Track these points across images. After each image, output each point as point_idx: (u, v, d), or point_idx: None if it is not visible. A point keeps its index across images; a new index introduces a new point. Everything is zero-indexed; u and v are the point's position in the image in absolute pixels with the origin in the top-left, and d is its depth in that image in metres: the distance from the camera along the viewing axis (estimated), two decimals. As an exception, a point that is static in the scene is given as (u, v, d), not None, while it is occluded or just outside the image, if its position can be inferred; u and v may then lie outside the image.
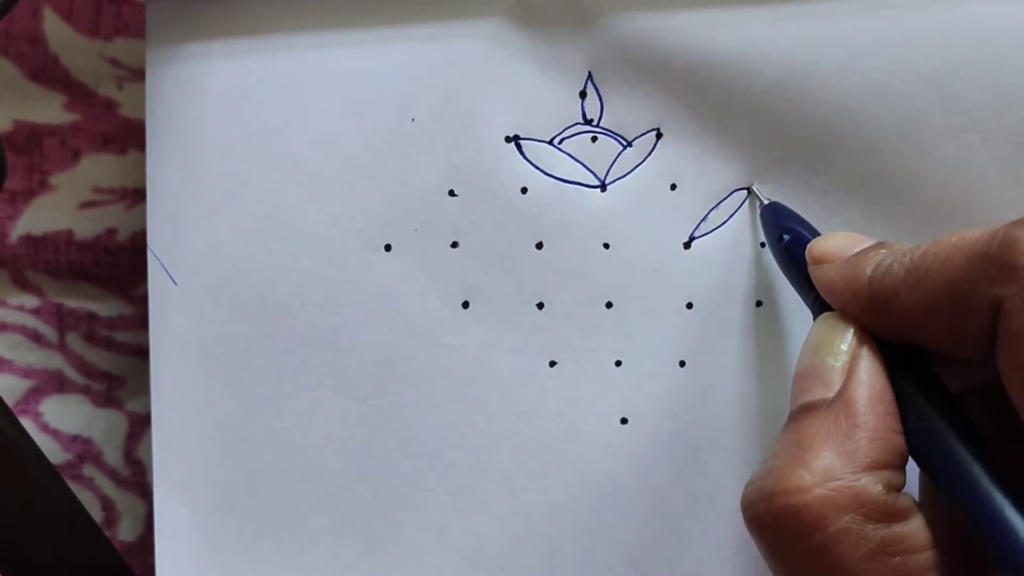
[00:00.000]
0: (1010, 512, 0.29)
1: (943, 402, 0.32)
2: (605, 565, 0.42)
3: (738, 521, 0.41)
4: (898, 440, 0.31)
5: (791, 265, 0.38)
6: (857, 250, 0.35)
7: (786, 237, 0.38)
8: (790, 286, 0.40)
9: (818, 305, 0.36)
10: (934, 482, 0.31)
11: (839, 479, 0.30)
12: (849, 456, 0.31)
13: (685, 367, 0.42)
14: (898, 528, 0.30)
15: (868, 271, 0.33)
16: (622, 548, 0.42)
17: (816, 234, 0.38)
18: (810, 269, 0.36)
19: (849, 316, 0.34)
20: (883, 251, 0.34)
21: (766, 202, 0.41)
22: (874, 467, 0.30)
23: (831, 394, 0.32)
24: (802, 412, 0.33)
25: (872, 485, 0.30)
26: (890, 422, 0.32)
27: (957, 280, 0.31)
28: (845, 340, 0.34)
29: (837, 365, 0.33)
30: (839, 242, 0.36)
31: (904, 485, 0.31)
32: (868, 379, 0.32)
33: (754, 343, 0.42)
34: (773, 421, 0.42)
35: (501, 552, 0.42)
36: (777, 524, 0.30)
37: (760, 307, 0.42)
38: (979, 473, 0.30)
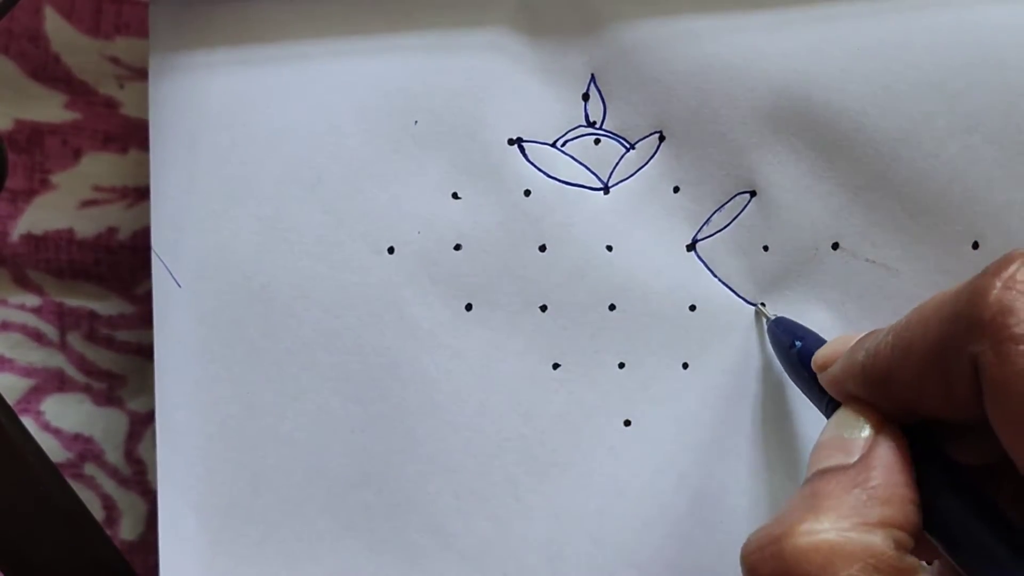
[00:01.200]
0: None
1: (958, 480, 0.32)
2: (608, 568, 0.42)
3: (741, 524, 0.41)
4: (912, 510, 0.31)
5: (802, 372, 0.38)
6: (852, 344, 0.35)
7: (798, 344, 0.39)
8: (793, 288, 0.40)
9: (831, 408, 0.36)
10: (957, 561, 0.31)
11: (851, 529, 0.30)
12: (862, 511, 0.30)
13: (688, 369, 0.42)
14: None
15: (860, 358, 0.33)
16: (625, 551, 0.42)
17: (822, 341, 0.38)
18: (820, 378, 0.36)
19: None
20: (873, 336, 0.34)
21: (772, 317, 0.41)
22: (886, 525, 0.30)
23: (851, 461, 0.32)
24: (819, 474, 0.32)
25: (883, 539, 0.30)
26: (907, 493, 0.31)
27: (937, 343, 0.30)
28: (869, 419, 0.33)
29: (861, 436, 0.33)
30: (837, 345, 0.36)
31: (912, 550, 0.31)
32: (890, 451, 0.32)
33: (757, 345, 0.42)
34: (776, 423, 0.42)
35: (504, 555, 0.42)
36: (783, 567, 0.30)
37: (763, 309, 0.42)
38: (1000, 549, 0.30)
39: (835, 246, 0.41)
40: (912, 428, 0.33)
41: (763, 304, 0.42)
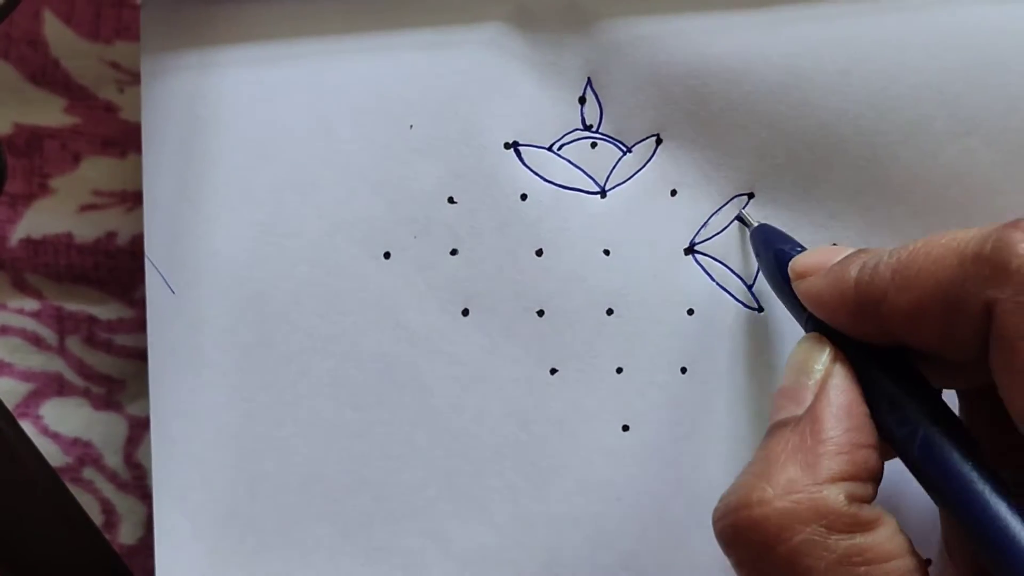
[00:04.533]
0: (1002, 510, 0.29)
1: (930, 404, 0.32)
2: (606, 573, 0.42)
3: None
4: (865, 454, 0.31)
5: (783, 285, 0.37)
6: (839, 258, 0.35)
7: (776, 256, 0.38)
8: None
9: (811, 324, 0.36)
10: (926, 487, 0.31)
11: (800, 491, 0.30)
12: (811, 469, 0.31)
13: (687, 373, 0.42)
14: (861, 539, 0.30)
15: (853, 274, 0.33)
16: (623, 556, 0.42)
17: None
18: (794, 284, 0.36)
19: (828, 333, 0.34)
20: (865, 255, 0.34)
21: (755, 224, 0.41)
22: (837, 479, 0.31)
23: (802, 411, 0.33)
24: (773, 429, 0.33)
25: (834, 496, 0.30)
26: (857, 437, 0.32)
27: (948, 281, 0.30)
28: (820, 360, 0.34)
29: (810, 383, 0.33)
30: (820, 255, 0.36)
31: (872, 498, 0.31)
32: (836, 396, 0.33)
33: (756, 349, 0.42)
34: (775, 428, 0.42)
35: (502, 560, 0.42)
36: (742, 537, 0.31)
37: (762, 313, 0.42)
38: (970, 475, 0.30)
39: (834, 248, 0.41)
40: (888, 351, 0.33)
41: (744, 211, 0.42)
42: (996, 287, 0.29)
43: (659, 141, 0.41)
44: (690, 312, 0.42)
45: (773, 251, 0.38)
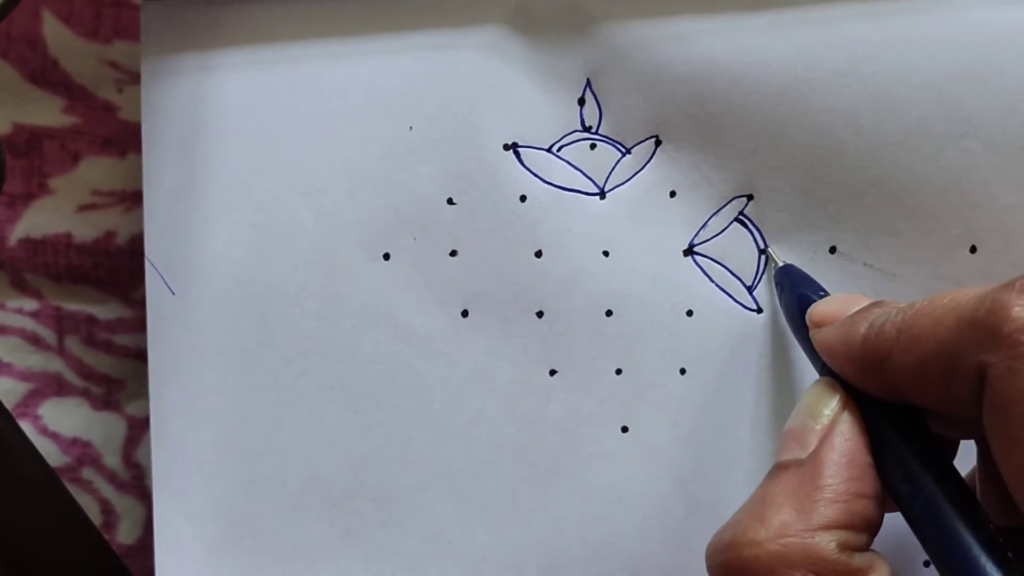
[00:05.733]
0: (987, 566, 0.29)
1: (938, 465, 0.32)
2: (606, 574, 0.42)
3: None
4: (863, 505, 0.31)
5: (801, 329, 0.37)
6: (854, 310, 0.35)
7: (798, 300, 0.38)
8: (790, 293, 0.40)
9: (825, 370, 0.36)
10: (924, 546, 0.31)
11: (792, 535, 0.31)
12: (806, 514, 0.31)
13: (686, 375, 0.42)
14: None
15: (862, 331, 0.33)
16: (623, 558, 0.42)
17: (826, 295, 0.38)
18: (811, 333, 0.36)
19: (841, 381, 0.34)
20: (877, 310, 0.34)
21: (781, 264, 0.41)
22: (830, 527, 0.31)
23: (805, 455, 0.33)
24: (775, 470, 0.33)
25: (825, 543, 0.30)
26: (856, 487, 0.32)
27: (947, 343, 0.30)
28: (829, 405, 0.34)
29: (816, 428, 0.33)
30: (838, 304, 0.36)
31: (867, 547, 0.31)
32: (841, 443, 0.33)
33: (755, 350, 0.42)
34: (774, 429, 0.42)
35: (502, 562, 0.42)
36: None
37: (761, 314, 0.42)
38: (969, 543, 0.30)
39: (832, 250, 0.41)
40: (900, 405, 0.33)
41: (770, 248, 0.42)
42: (988, 351, 0.29)
43: (658, 142, 0.41)
44: (689, 313, 0.42)
45: (795, 294, 0.38)
